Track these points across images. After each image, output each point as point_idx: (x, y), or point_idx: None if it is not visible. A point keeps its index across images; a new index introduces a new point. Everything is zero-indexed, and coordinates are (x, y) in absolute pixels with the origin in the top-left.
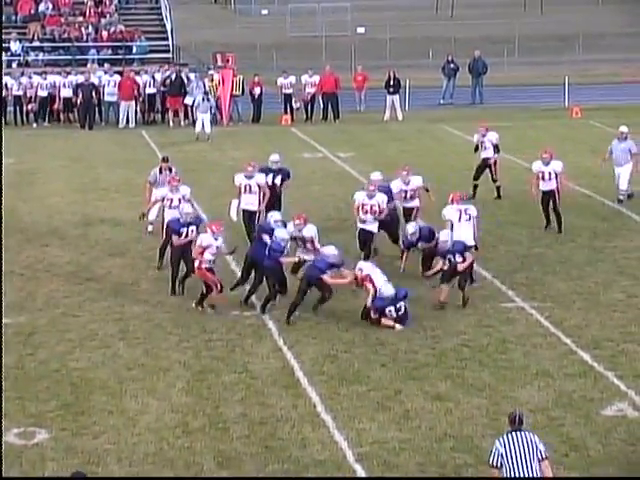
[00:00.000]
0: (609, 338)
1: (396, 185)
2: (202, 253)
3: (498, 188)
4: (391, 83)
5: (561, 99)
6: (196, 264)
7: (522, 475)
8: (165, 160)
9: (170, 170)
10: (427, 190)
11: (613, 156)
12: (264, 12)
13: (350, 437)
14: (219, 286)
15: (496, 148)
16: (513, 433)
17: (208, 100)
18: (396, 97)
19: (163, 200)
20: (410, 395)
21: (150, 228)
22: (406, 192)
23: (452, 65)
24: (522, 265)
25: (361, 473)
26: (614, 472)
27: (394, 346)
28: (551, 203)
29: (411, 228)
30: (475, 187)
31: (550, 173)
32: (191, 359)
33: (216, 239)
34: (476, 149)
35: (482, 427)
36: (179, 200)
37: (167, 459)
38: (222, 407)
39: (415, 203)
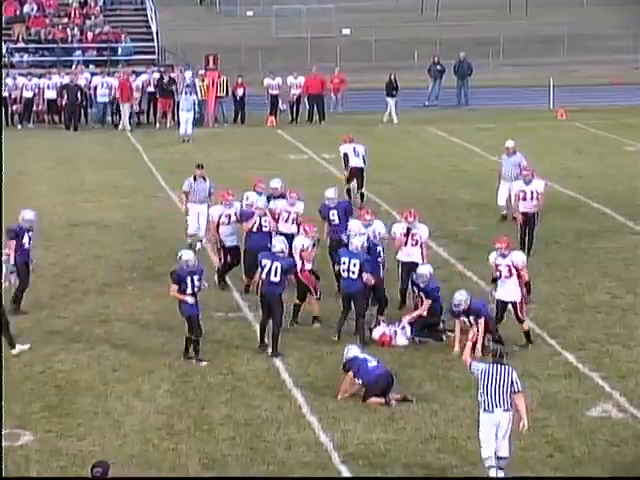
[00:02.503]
0: (594, 339)
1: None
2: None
3: (362, 195)
4: (393, 86)
5: (546, 101)
6: (298, 267)
7: (495, 402)
8: (200, 167)
9: (204, 179)
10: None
11: (503, 170)
12: (249, 13)
13: (336, 438)
14: (318, 292)
15: (364, 159)
16: (493, 364)
17: (191, 94)
18: (394, 100)
19: (220, 218)
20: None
21: (199, 245)
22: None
23: (438, 67)
24: None
25: (347, 474)
26: (599, 473)
27: (380, 348)
28: (529, 226)
29: (459, 296)
30: (348, 191)
31: (532, 192)
32: (176, 361)
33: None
34: (345, 158)
35: (467, 428)
36: (234, 215)
37: (152, 461)
38: (207, 409)
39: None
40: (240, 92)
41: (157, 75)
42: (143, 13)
